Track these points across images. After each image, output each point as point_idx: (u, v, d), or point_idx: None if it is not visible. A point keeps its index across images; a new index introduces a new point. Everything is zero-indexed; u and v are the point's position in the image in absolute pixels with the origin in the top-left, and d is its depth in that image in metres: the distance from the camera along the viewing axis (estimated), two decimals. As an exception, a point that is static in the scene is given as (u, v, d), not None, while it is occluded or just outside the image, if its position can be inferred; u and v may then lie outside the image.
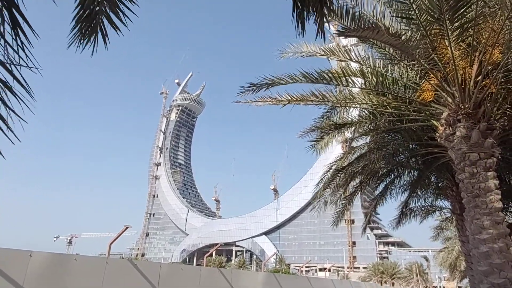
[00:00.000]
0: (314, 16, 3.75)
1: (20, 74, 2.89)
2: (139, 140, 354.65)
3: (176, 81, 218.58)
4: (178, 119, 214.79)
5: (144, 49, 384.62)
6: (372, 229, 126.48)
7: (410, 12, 7.43)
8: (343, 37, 7.53)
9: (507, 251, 7.14)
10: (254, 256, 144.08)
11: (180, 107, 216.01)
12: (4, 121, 2.82)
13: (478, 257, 7.38)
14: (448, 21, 6.92)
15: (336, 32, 6.55)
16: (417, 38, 7.69)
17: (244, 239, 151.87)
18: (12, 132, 2.86)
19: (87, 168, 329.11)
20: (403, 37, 6.91)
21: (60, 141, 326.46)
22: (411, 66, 8.62)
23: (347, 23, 7.03)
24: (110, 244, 8.99)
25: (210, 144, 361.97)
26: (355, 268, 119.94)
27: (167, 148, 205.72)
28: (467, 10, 7.02)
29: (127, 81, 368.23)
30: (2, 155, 2.80)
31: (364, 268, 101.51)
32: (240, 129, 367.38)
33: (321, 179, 13.66)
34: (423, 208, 16.58)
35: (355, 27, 6.70)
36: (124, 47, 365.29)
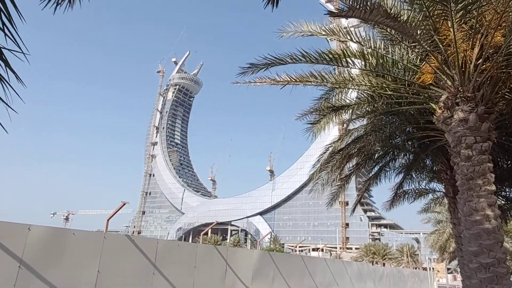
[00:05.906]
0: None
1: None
2: (136, 118, 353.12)
3: (173, 59, 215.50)
4: (175, 98, 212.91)
5: (141, 27, 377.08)
6: (365, 211, 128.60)
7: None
8: (337, 17, 7.31)
9: (497, 232, 7.32)
10: (249, 236, 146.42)
11: (177, 86, 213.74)
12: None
13: (469, 238, 7.55)
14: (452, 2, 6.81)
15: (328, 12, 6.39)
16: (419, 19, 7.58)
17: (240, 219, 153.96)
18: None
19: (84, 146, 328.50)
20: (401, 18, 6.80)
21: (57, 120, 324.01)
22: (411, 47, 8.54)
23: (348, 2, 6.87)
24: (108, 220, 9.07)
25: (207, 124, 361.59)
26: (347, 248, 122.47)
27: (163, 128, 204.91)
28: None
29: (123, 59, 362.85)
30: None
31: (356, 248, 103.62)
32: (238, 110, 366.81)
33: (318, 160, 13.73)
34: (416, 191, 16.79)
35: (353, 7, 6.55)
36: (121, 25, 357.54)
